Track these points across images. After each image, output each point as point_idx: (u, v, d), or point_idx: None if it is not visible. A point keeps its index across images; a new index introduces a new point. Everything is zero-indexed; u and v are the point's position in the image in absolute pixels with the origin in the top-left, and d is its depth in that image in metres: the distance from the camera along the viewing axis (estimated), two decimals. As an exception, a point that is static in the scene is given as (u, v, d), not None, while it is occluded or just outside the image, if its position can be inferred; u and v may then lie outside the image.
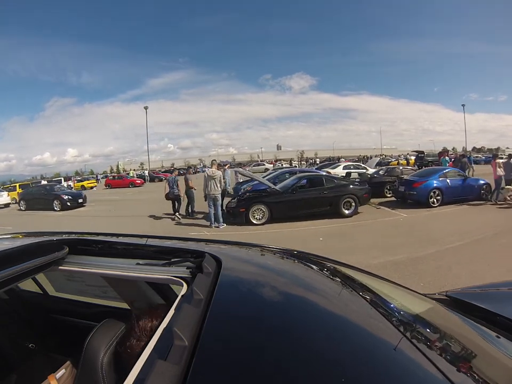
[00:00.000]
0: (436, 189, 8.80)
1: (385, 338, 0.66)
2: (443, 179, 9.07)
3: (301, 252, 1.32)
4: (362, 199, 7.91)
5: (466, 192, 9.19)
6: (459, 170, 10.17)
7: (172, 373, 0.44)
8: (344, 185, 7.98)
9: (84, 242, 1.11)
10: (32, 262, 0.90)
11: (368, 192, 8.13)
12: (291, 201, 7.40)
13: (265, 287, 0.84)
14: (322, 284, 1.00)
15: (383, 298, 1.00)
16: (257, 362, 0.51)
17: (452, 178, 9.22)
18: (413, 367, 0.58)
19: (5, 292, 1.50)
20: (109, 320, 0.80)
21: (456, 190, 9.04)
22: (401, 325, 0.77)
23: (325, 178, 8.26)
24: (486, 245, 5.05)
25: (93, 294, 1.57)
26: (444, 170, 9.71)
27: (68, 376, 1.16)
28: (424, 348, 0.63)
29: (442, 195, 8.80)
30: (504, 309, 1.11)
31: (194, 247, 1.12)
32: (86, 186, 28.48)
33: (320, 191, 7.61)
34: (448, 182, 8.99)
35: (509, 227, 6.09)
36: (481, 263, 4.15)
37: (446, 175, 9.27)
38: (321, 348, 0.58)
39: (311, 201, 7.51)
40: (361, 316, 0.77)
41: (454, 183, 9.11)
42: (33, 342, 1.52)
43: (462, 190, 9.15)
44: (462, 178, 9.41)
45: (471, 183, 9.46)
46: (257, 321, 0.64)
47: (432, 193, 8.75)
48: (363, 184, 8.62)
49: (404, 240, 5.57)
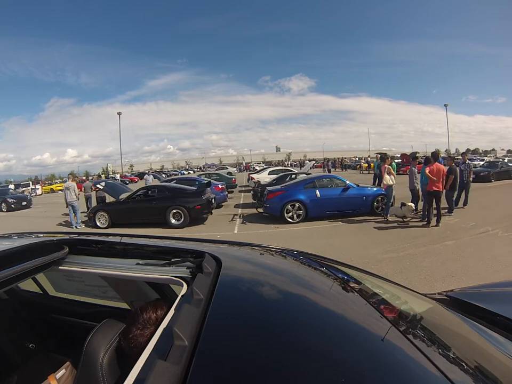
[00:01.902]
0: (296, 201, 7.31)
1: (385, 338, 0.66)
2: (310, 189, 7.51)
3: (301, 251, 1.32)
4: (194, 211, 7.71)
5: (350, 205, 7.49)
6: (340, 178, 8.15)
7: (171, 373, 0.44)
8: (172, 197, 8.01)
9: (83, 242, 1.11)
10: (32, 262, 0.90)
11: (201, 204, 7.75)
12: (128, 209, 8.15)
13: (265, 287, 0.84)
14: (322, 283, 1.00)
15: (383, 298, 1.00)
16: (257, 362, 0.51)
17: (325, 188, 7.60)
18: (413, 367, 0.58)
19: (5, 292, 1.50)
20: (109, 320, 0.80)
21: (330, 203, 7.40)
22: (402, 325, 0.77)
23: (158, 189, 8.65)
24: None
25: (92, 294, 1.57)
26: (315, 179, 8.02)
27: (68, 376, 1.16)
28: (424, 348, 0.63)
29: (306, 209, 7.30)
30: (504, 309, 1.11)
31: (194, 247, 1.12)
32: (55, 189, 31.37)
33: (151, 201, 8.10)
34: (316, 193, 7.38)
35: (376, 259, 4.47)
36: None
37: (316, 184, 7.69)
38: (321, 348, 0.58)
39: (143, 211, 8.02)
40: (361, 315, 0.77)
41: (326, 194, 7.46)
42: (33, 342, 1.52)
43: (342, 202, 7.47)
44: (342, 188, 7.59)
45: (356, 193, 7.57)
46: (257, 321, 0.64)
47: (290, 206, 7.29)
48: (197, 195, 7.96)
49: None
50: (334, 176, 8.48)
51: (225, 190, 10.91)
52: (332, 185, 7.78)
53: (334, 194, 7.52)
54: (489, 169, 15.82)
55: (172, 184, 10.18)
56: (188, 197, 7.94)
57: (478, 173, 15.04)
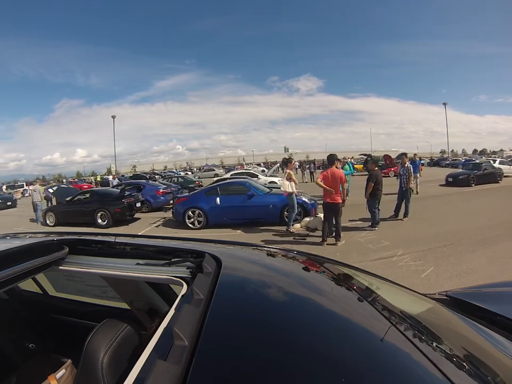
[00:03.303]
0: (196, 208, 7.28)
1: (385, 338, 0.66)
2: (211, 196, 7.35)
3: (300, 252, 1.32)
4: (114, 214, 8.60)
5: (255, 214, 7.05)
6: (246, 184, 7.67)
7: (172, 373, 0.44)
8: (99, 201, 9.03)
9: (84, 243, 1.11)
10: (32, 262, 0.90)
11: (121, 207, 8.67)
12: (68, 211, 9.35)
13: (265, 287, 0.84)
14: (322, 283, 1.00)
15: (383, 298, 1.00)
16: (257, 362, 0.51)
17: (227, 196, 7.32)
18: (413, 367, 0.58)
19: (5, 292, 1.50)
20: (109, 320, 0.80)
21: (232, 211, 7.14)
22: (402, 324, 0.77)
23: (90, 194, 9.85)
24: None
25: (92, 294, 1.57)
26: (217, 186, 7.89)
27: (68, 376, 1.16)
28: (424, 348, 0.63)
29: (206, 216, 7.20)
30: (504, 309, 1.11)
31: (194, 247, 1.12)
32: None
33: (84, 204, 9.19)
34: (217, 201, 7.17)
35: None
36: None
37: (218, 191, 7.47)
38: (321, 347, 0.58)
39: (78, 212, 9.12)
40: (361, 315, 0.77)
41: (228, 202, 7.20)
42: (33, 342, 1.52)
43: (246, 210, 7.10)
44: (246, 195, 7.17)
45: (261, 202, 7.03)
46: (257, 321, 0.64)
47: (191, 212, 7.30)
48: (118, 200, 8.91)
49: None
50: (241, 183, 8.07)
51: (167, 194, 11.25)
52: (236, 193, 7.43)
53: (236, 202, 7.20)
54: (470, 171, 14.07)
55: (101, 189, 12.32)
56: (110, 201, 8.93)
57: (457, 176, 13.66)
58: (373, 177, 6.47)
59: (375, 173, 6.60)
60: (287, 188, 6.23)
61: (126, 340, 0.76)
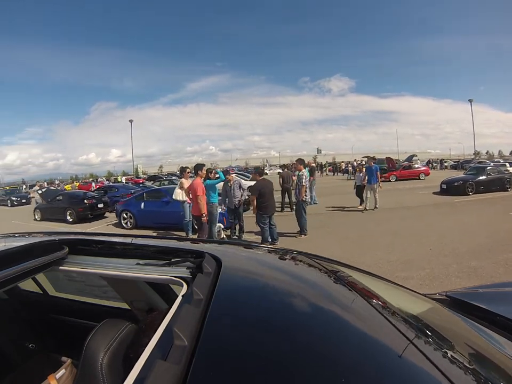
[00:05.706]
0: (127, 211, 8.25)
1: (385, 339, 0.66)
2: (139, 201, 8.18)
3: (301, 252, 1.32)
4: (78, 212, 10.13)
5: (170, 219, 7.53)
6: (163, 191, 8.39)
7: (171, 373, 0.43)
8: (68, 201, 10.65)
9: (84, 243, 1.11)
10: (32, 262, 0.90)
11: (83, 207, 10.18)
12: (47, 208, 11.23)
13: (266, 287, 0.84)
14: (322, 283, 1.00)
15: (383, 298, 1.00)
16: (257, 363, 0.51)
17: (150, 201, 8.06)
18: (413, 367, 0.58)
19: (5, 292, 1.50)
20: (109, 320, 0.80)
21: (153, 215, 7.82)
22: (401, 325, 0.77)
23: (63, 195, 11.39)
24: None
25: (92, 294, 1.57)
26: (144, 192, 8.84)
27: (68, 376, 1.16)
28: (424, 348, 0.63)
29: (135, 218, 8.05)
30: (504, 309, 1.11)
31: (194, 247, 1.12)
32: (67, 189, 35.85)
33: (58, 203, 10.82)
34: (141, 205, 8.01)
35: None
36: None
37: (144, 196, 8.34)
38: (321, 348, 0.58)
39: (54, 210, 10.83)
40: (361, 316, 0.77)
41: (149, 207, 7.94)
42: (33, 342, 1.52)
43: (162, 216, 7.70)
44: (163, 201, 7.73)
45: (173, 209, 7.37)
46: (257, 321, 0.64)
47: (125, 214, 8.26)
48: (82, 201, 10.44)
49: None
50: (161, 190, 9.40)
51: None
52: (156, 199, 8.18)
53: (155, 207, 7.92)
54: (471, 176, 11.37)
55: (70, 192, 14.52)
56: (76, 202, 10.50)
57: (451, 182, 11.26)
58: (255, 190, 5.47)
59: (257, 184, 5.58)
60: (177, 196, 6.37)
61: (126, 340, 0.76)
